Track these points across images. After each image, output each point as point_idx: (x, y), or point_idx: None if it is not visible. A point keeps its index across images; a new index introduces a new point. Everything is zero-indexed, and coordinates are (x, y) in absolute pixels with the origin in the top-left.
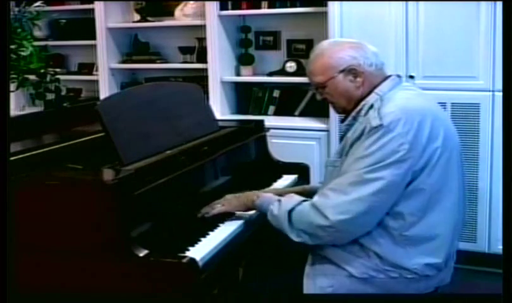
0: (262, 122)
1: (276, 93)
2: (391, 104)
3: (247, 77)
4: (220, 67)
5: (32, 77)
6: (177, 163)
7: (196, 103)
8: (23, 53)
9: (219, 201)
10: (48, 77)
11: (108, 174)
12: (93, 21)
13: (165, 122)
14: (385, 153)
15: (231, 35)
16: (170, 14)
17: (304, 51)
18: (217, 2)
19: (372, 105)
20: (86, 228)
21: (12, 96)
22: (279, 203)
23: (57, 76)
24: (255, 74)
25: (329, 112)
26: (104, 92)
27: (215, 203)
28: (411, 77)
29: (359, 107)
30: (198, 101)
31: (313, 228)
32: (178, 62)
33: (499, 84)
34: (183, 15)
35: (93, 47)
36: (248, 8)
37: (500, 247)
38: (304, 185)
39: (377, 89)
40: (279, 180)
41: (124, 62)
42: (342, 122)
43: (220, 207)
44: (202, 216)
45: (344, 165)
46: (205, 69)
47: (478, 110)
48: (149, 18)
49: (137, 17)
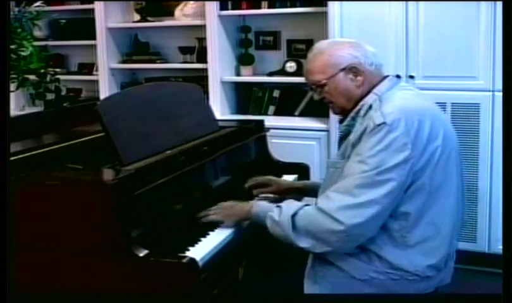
0: (262, 122)
1: (276, 93)
2: (390, 104)
3: (247, 77)
4: (220, 67)
5: (32, 77)
6: (177, 163)
7: (196, 103)
8: (23, 53)
9: (214, 208)
10: (48, 77)
11: (108, 174)
12: (93, 21)
13: (165, 122)
14: (391, 153)
15: (231, 35)
16: (170, 14)
17: (304, 51)
18: (217, 2)
19: (371, 106)
20: (86, 228)
21: (12, 96)
22: (280, 209)
23: (57, 76)
24: (255, 74)
25: (328, 112)
26: (104, 92)
27: (210, 210)
28: (411, 77)
29: (358, 107)
30: (198, 101)
31: (323, 233)
32: (178, 62)
33: (499, 84)
34: (183, 15)
35: (93, 47)
36: (248, 8)
37: (500, 247)
38: (305, 181)
39: (375, 89)
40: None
41: (124, 62)
42: (341, 122)
43: (213, 216)
44: (197, 220)
45: (346, 166)
46: (205, 69)
47: (478, 110)
48: (149, 18)
49: (137, 17)
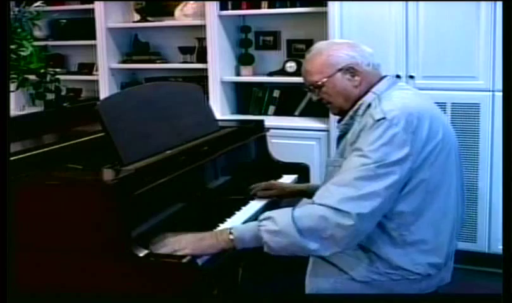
0: (262, 122)
1: (276, 93)
2: (389, 102)
3: (247, 77)
4: (220, 67)
5: (32, 77)
6: (177, 163)
7: (196, 103)
8: (23, 53)
9: (173, 239)
10: (48, 77)
11: (108, 174)
12: (93, 21)
13: (165, 122)
14: (393, 148)
15: (231, 35)
16: (170, 14)
17: (304, 51)
18: (217, 2)
19: (370, 104)
20: (86, 228)
21: (12, 96)
22: (272, 219)
23: (57, 76)
24: (255, 74)
25: (329, 112)
26: (104, 92)
27: (169, 240)
28: (411, 77)
29: (356, 107)
30: (198, 101)
31: (331, 228)
32: (178, 62)
33: (499, 84)
34: (183, 15)
35: (93, 47)
36: (248, 8)
37: (500, 247)
38: (308, 183)
39: (373, 89)
40: (279, 180)
41: (124, 62)
42: (340, 122)
43: (182, 250)
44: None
45: (345, 162)
46: (205, 69)
47: (478, 110)
48: (149, 18)
49: (137, 17)
